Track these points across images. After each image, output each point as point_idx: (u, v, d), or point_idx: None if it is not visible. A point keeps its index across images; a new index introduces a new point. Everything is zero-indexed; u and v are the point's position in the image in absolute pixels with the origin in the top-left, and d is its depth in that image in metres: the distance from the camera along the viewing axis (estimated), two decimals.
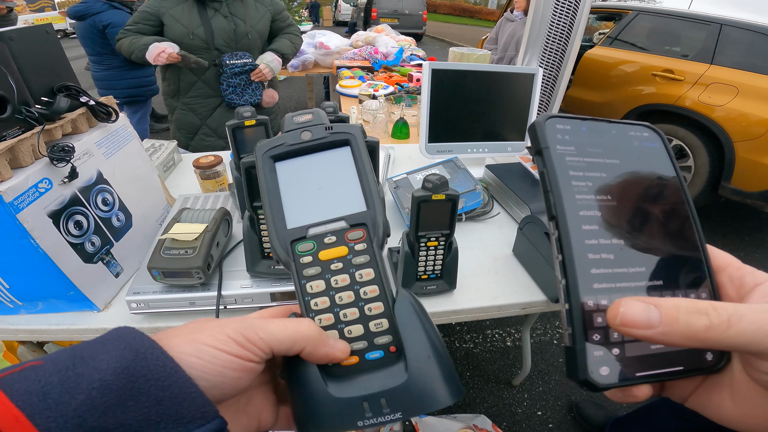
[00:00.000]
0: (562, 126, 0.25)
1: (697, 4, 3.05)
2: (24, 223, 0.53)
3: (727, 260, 0.24)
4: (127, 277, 0.72)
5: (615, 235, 0.23)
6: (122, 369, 0.19)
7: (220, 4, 1.64)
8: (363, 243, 0.27)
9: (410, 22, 10.61)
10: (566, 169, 0.24)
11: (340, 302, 0.26)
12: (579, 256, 0.22)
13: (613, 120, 0.26)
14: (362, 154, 0.29)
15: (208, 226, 0.66)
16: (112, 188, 0.68)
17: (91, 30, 2.50)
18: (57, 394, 0.18)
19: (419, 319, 0.26)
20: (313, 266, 0.26)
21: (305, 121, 0.29)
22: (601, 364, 0.21)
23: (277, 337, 0.23)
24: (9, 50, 0.56)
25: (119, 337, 0.20)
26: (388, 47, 2.98)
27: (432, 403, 0.24)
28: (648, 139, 0.26)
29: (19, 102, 0.55)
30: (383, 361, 0.26)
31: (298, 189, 0.28)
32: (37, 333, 0.67)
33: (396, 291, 0.27)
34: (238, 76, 1.71)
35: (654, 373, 0.22)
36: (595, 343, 0.22)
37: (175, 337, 0.22)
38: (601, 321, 0.22)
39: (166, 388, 0.19)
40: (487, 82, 1.08)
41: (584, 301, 0.22)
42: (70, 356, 0.19)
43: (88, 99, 0.65)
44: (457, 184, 0.94)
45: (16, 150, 0.54)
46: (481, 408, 1.49)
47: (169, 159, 1.14)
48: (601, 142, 0.25)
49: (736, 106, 2.37)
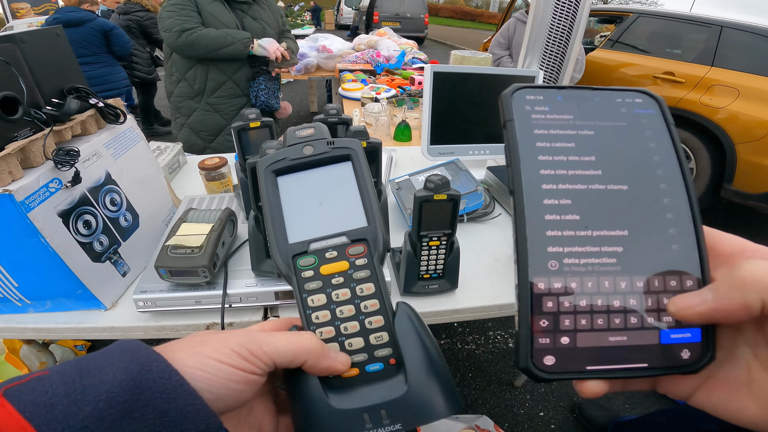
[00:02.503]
0: (532, 97, 0.23)
1: (698, 7, 3.06)
2: (35, 222, 0.54)
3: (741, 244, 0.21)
4: (134, 276, 0.73)
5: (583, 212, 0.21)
6: (128, 381, 0.19)
7: (248, 6, 1.68)
8: (364, 258, 0.27)
9: (412, 25, 10.66)
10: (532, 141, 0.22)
11: (341, 316, 0.27)
12: (533, 232, 0.20)
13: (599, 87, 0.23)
14: (363, 170, 0.29)
15: (214, 225, 0.67)
16: (120, 189, 0.69)
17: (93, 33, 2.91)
18: (64, 405, 0.18)
19: (418, 332, 0.27)
20: (315, 280, 0.27)
21: (307, 135, 0.30)
22: (546, 352, 0.20)
23: (280, 350, 0.23)
24: (20, 52, 0.57)
25: (125, 350, 0.21)
26: (390, 51, 3.00)
27: (431, 414, 0.25)
28: (641, 105, 0.23)
29: (30, 103, 0.56)
30: (383, 373, 0.26)
31: (300, 204, 0.28)
32: (45, 332, 0.68)
33: (396, 304, 0.28)
34: (275, 81, 1.79)
35: (608, 368, 0.20)
36: (542, 330, 0.20)
37: (180, 350, 0.22)
38: (551, 305, 0.20)
39: (171, 400, 0.19)
40: (488, 84, 1.09)
41: (534, 282, 0.20)
42: (77, 368, 0.20)
43: (97, 101, 0.66)
44: (459, 185, 0.95)
45: (28, 150, 0.55)
46: (483, 409, 1.49)
47: (174, 161, 1.16)
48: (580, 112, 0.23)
49: (737, 108, 2.37)
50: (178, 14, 1.56)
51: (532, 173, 0.21)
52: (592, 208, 0.21)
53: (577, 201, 0.21)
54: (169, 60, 1.72)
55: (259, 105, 1.78)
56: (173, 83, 1.74)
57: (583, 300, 0.20)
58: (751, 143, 2.32)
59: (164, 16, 1.58)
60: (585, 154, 0.22)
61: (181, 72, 1.70)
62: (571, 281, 0.20)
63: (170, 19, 1.56)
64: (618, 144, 0.22)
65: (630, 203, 0.21)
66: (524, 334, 0.20)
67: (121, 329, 0.68)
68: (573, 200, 0.21)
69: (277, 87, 1.83)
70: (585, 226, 0.21)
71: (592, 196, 0.21)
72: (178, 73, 1.71)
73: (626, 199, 0.21)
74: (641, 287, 0.20)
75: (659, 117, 0.23)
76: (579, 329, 0.20)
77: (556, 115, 0.23)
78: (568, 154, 0.22)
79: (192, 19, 1.57)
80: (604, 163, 0.22)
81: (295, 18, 5.93)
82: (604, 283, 0.20)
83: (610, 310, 0.20)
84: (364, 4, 10.87)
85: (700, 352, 0.20)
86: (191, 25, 1.56)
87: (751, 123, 2.31)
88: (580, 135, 0.22)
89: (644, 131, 0.22)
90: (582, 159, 0.22)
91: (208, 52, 1.59)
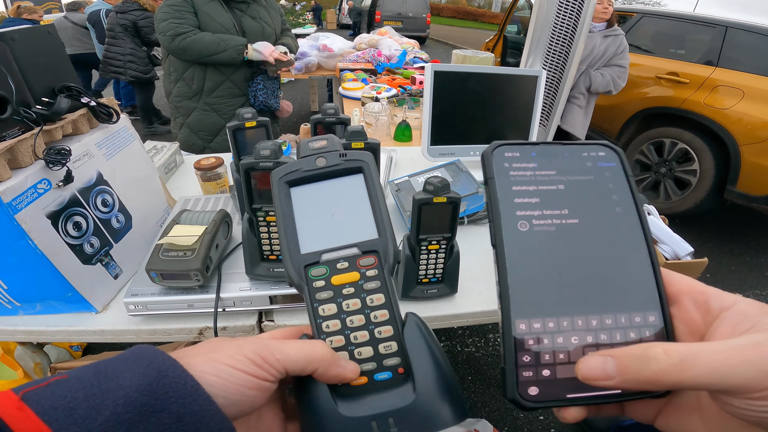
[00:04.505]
0: (510, 153, 0.26)
1: (702, 7, 3.04)
2: (22, 224, 0.53)
3: (689, 284, 0.24)
4: (127, 278, 0.72)
5: (556, 263, 0.24)
6: (146, 386, 0.19)
7: (247, 5, 1.66)
8: (374, 269, 0.28)
9: (414, 24, 10.64)
10: (511, 197, 0.25)
11: (351, 325, 0.27)
12: (515, 284, 0.23)
13: (567, 142, 0.26)
14: (375, 182, 0.29)
15: (207, 228, 0.65)
16: (112, 189, 0.68)
17: None
18: (83, 409, 0.18)
19: (426, 342, 0.27)
20: (326, 290, 0.28)
21: (320, 147, 0.30)
22: (530, 384, 0.22)
23: (292, 358, 0.24)
24: (10, 50, 0.55)
25: (141, 356, 0.21)
26: (391, 50, 2.98)
27: (438, 423, 0.25)
28: (604, 158, 0.26)
29: (19, 102, 0.55)
30: (392, 381, 0.27)
31: (313, 214, 0.29)
32: (35, 334, 0.67)
33: (405, 315, 0.28)
34: (274, 81, 1.76)
35: (586, 396, 0.22)
36: (525, 365, 0.22)
37: (195, 356, 0.23)
38: (532, 343, 0.23)
39: (187, 405, 0.20)
40: (490, 84, 1.07)
41: (516, 323, 0.23)
42: (94, 372, 0.20)
43: (89, 100, 0.65)
44: (459, 187, 0.94)
45: (16, 150, 0.53)
46: (483, 413, 1.47)
47: (171, 160, 1.14)
48: (552, 167, 0.25)
49: (741, 109, 2.35)
50: (172, 17, 1.54)
51: (512, 229, 0.24)
52: (564, 256, 0.24)
53: (551, 250, 0.24)
54: (167, 60, 1.70)
55: (258, 105, 1.76)
56: (172, 83, 1.73)
57: (560, 337, 0.23)
58: (756, 145, 2.29)
59: (159, 17, 1.57)
60: (557, 208, 0.25)
61: (179, 72, 1.69)
62: (549, 321, 0.23)
63: (164, 22, 1.54)
64: (585, 197, 0.25)
65: (598, 250, 0.24)
66: (510, 369, 0.22)
67: (112, 332, 0.66)
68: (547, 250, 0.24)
69: (277, 86, 1.82)
70: (559, 273, 0.24)
71: (564, 245, 0.24)
72: (176, 73, 1.69)
73: (595, 247, 0.24)
74: (611, 324, 0.23)
75: (620, 169, 0.26)
76: (558, 362, 0.23)
77: (531, 171, 0.25)
78: (543, 209, 0.25)
79: (186, 21, 1.55)
80: (574, 215, 0.25)
81: (297, 17, 5.93)
82: (577, 322, 0.23)
83: (584, 344, 0.23)
84: (366, 3, 10.85)
85: None
86: (184, 29, 1.54)
87: (756, 124, 2.28)
88: (552, 190, 0.25)
89: (607, 184, 0.26)
90: (554, 213, 0.25)
91: (201, 57, 1.58)
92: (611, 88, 2.33)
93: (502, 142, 0.26)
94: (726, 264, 2.46)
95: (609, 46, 2.30)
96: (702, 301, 0.23)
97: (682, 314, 0.23)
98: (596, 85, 2.30)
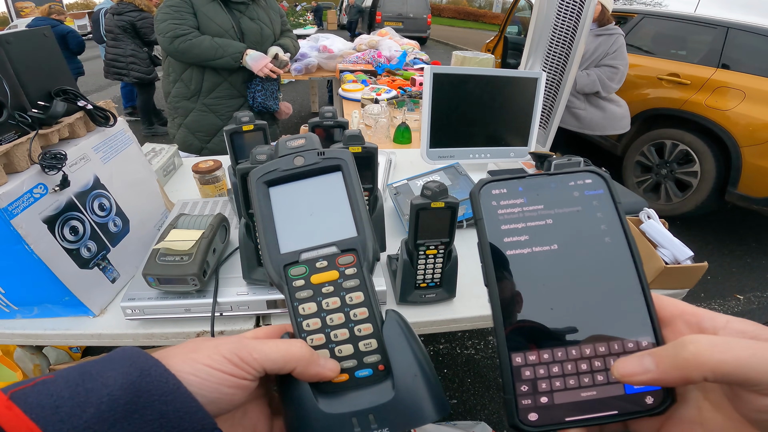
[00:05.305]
0: (498, 191, 0.26)
1: (703, 7, 3.03)
2: (18, 229, 0.52)
3: (680, 307, 0.24)
4: (124, 282, 0.72)
5: (548, 298, 0.25)
6: (129, 384, 0.20)
7: (246, 6, 1.66)
8: (353, 267, 0.28)
9: (414, 25, 10.63)
10: (501, 237, 0.25)
11: (331, 323, 0.27)
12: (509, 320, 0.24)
13: (554, 172, 0.26)
14: (353, 180, 0.29)
15: (204, 232, 0.65)
16: (109, 193, 0.68)
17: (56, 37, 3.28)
18: (68, 407, 0.19)
19: (406, 339, 0.27)
20: (305, 289, 0.28)
21: (298, 146, 0.30)
22: (530, 410, 0.24)
23: (270, 357, 0.24)
24: (6, 54, 0.55)
25: (125, 356, 0.22)
26: (391, 51, 2.98)
27: (418, 419, 0.25)
28: (591, 186, 0.26)
29: (15, 106, 0.55)
30: (372, 378, 0.27)
31: (291, 214, 0.29)
32: (33, 338, 0.67)
33: (385, 312, 0.28)
34: (273, 82, 1.76)
35: (584, 418, 0.23)
36: (524, 394, 0.24)
37: (175, 356, 0.23)
38: (529, 374, 0.24)
39: (169, 402, 0.20)
40: (490, 86, 1.07)
41: (513, 358, 0.24)
42: (80, 372, 0.21)
43: (85, 103, 0.64)
44: (458, 190, 0.93)
45: (11, 155, 0.53)
46: (482, 415, 1.47)
47: (169, 163, 1.14)
48: (540, 200, 0.26)
49: (743, 111, 2.34)
50: (172, 17, 1.54)
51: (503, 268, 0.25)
52: (556, 290, 0.25)
53: (542, 286, 0.25)
54: (166, 60, 1.70)
55: (257, 106, 1.76)
56: (170, 83, 1.73)
57: (555, 367, 0.24)
58: (757, 146, 2.28)
59: (159, 18, 1.56)
60: (547, 244, 0.25)
61: (177, 73, 1.69)
62: (544, 353, 0.24)
63: (164, 23, 1.54)
64: (574, 230, 0.25)
65: (588, 281, 0.25)
66: (509, 398, 0.24)
67: (110, 336, 0.66)
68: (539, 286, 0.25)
69: (276, 88, 1.81)
70: (551, 308, 0.24)
71: (555, 280, 0.25)
72: (175, 73, 1.69)
73: (585, 279, 0.25)
74: (604, 351, 0.24)
75: (607, 197, 0.26)
76: (555, 390, 0.24)
77: (519, 208, 0.26)
78: (533, 246, 0.25)
79: (186, 22, 1.55)
80: (564, 250, 0.25)
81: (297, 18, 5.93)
82: (571, 351, 0.24)
83: (579, 372, 0.24)
84: (367, 3, 10.85)
85: (662, 397, 0.23)
86: (184, 30, 1.54)
87: (758, 126, 2.27)
88: (541, 226, 0.25)
89: (596, 213, 0.26)
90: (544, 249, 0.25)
91: (199, 61, 1.59)
92: (598, 89, 2.23)
93: (488, 180, 0.26)
94: (727, 266, 2.45)
95: (600, 45, 2.23)
96: (695, 323, 0.23)
97: (675, 337, 0.23)
98: (581, 85, 2.22)
